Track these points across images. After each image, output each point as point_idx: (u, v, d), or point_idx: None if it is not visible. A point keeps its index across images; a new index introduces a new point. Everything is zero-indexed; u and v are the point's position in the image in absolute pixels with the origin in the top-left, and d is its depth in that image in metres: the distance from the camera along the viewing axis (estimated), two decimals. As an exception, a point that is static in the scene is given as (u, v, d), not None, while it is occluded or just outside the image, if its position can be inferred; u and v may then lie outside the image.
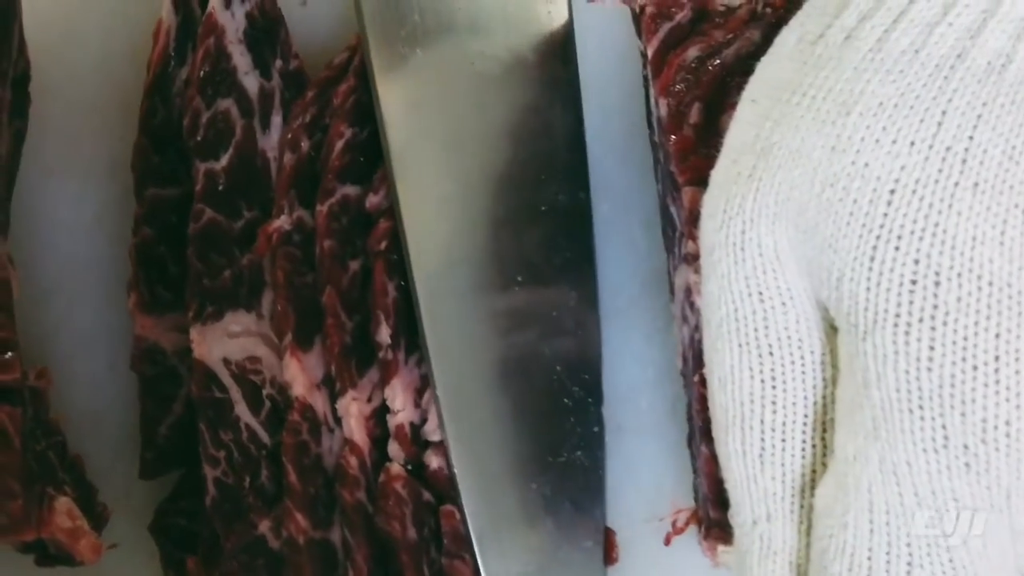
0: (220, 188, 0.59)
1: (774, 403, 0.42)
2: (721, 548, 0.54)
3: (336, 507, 0.57)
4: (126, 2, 0.63)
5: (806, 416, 0.43)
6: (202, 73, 0.58)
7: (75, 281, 0.62)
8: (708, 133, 0.54)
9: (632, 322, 0.61)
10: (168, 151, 0.60)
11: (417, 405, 0.56)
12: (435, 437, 0.56)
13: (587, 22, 0.60)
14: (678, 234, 0.56)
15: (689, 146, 0.54)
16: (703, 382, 0.53)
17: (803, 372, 0.42)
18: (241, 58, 0.59)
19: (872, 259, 0.39)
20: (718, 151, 0.54)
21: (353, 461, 0.56)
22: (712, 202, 0.43)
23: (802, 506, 0.44)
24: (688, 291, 0.54)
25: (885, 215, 0.39)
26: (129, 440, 0.60)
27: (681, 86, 0.54)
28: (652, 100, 0.57)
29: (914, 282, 0.38)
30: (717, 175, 0.43)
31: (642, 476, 0.59)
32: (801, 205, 0.40)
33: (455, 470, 0.56)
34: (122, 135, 0.62)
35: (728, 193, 0.42)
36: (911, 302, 0.38)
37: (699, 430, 0.54)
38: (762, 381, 0.42)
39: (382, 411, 0.57)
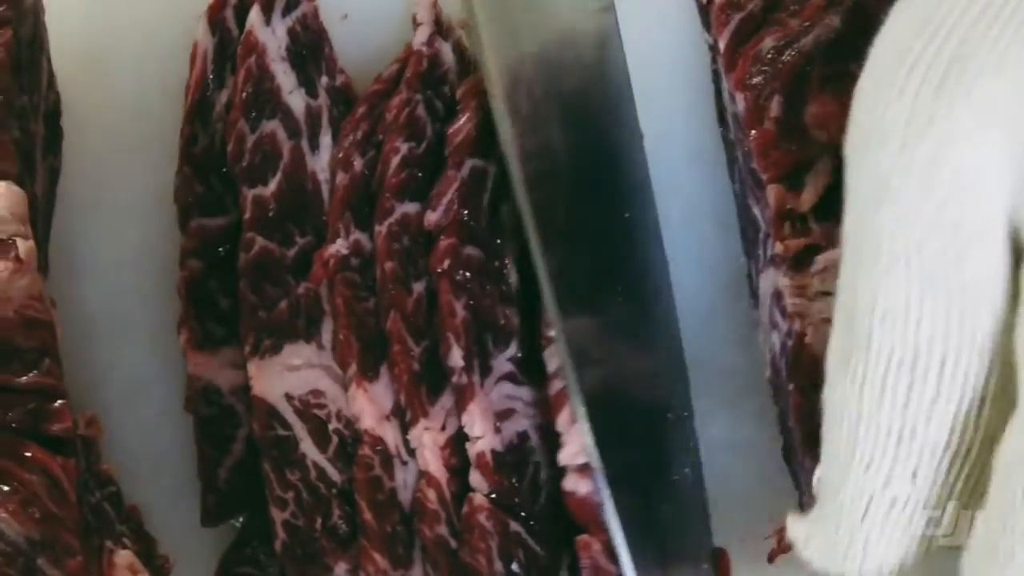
0: (270, 215, 0.56)
1: (959, 348, 0.38)
2: (792, 518, 0.47)
3: (415, 544, 0.54)
4: (158, 27, 0.61)
5: (991, 361, 0.38)
6: (244, 95, 0.56)
7: (121, 322, 0.59)
8: (790, 127, 0.51)
9: (712, 330, 0.58)
10: (212, 179, 0.57)
11: (498, 431, 0.54)
12: (576, 461, 0.53)
13: (645, 18, 0.58)
14: (762, 235, 0.53)
15: (771, 141, 0.51)
16: (800, 391, 0.50)
17: (991, 312, 0.38)
18: (284, 76, 0.57)
19: None
20: (801, 145, 0.51)
21: (431, 494, 0.53)
22: (881, 120, 0.38)
23: (964, 460, 0.40)
24: (778, 295, 0.51)
25: None
26: (188, 486, 0.57)
27: (758, 79, 0.52)
28: (726, 95, 0.55)
29: None
30: (877, 87, 0.38)
31: (735, 492, 0.56)
32: (1011, 119, 0.36)
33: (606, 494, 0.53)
34: (161, 166, 0.59)
35: (909, 111, 0.37)
36: None
37: (801, 442, 0.51)
38: (947, 323, 0.38)
39: (458, 439, 0.54)
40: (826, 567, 0.44)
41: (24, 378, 0.49)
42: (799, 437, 0.51)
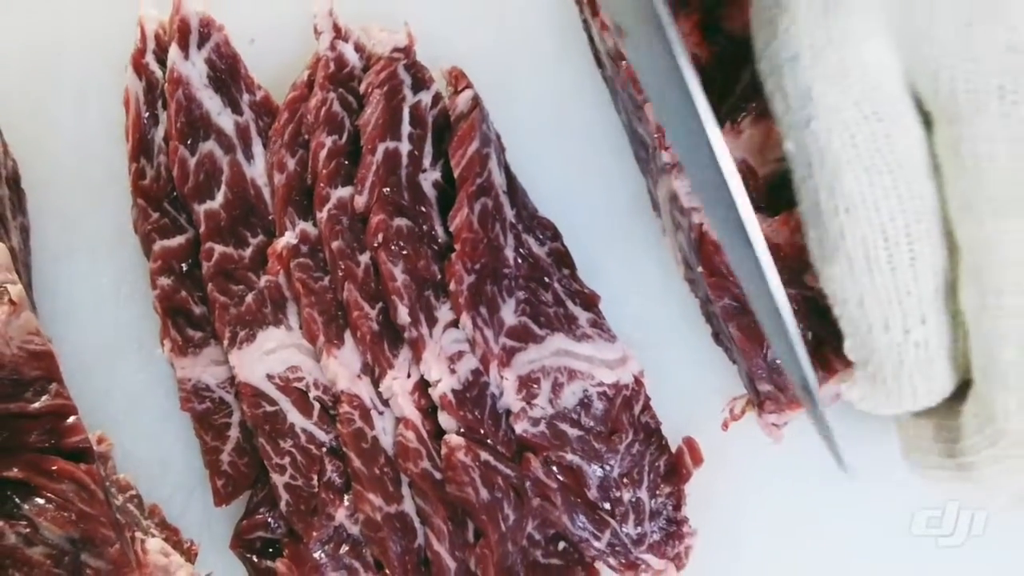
0: (222, 224, 0.66)
1: (917, 213, 0.47)
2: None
3: (401, 481, 0.64)
4: (91, 79, 0.71)
5: (939, 217, 0.48)
6: (179, 124, 0.66)
7: (109, 348, 0.69)
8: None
9: (625, 248, 0.69)
10: (165, 205, 0.68)
11: (453, 372, 0.64)
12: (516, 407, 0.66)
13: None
14: (651, 151, 0.64)
15: (639, 68, 0.62)
16: (711, 274, 0.61)
17: (927, 175, 0.47)
18: (211, 101, 0.67)
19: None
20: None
21: (410, 435, 0.63)
22: (784, 47, 0.46)
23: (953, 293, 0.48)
24: (674, 198, 0.62)
25: None
26: (198, 476, 0.67)
27: (617, 17, 0.62)
28: (596, 37, 0.65)
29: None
30: (770, 16, 0.47)
31: (684, 382, 0.68)
32: (887, 14, 0.45)
33: None
34: (117, 205, 0.69)
35: (808, 32, 0.46)
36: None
37: (720, 317, 0.61)
38: (898, 197, 0.47)
39: (424, 382, 0.64)
40: (887, 411, 0.52)
41: (37, 403, 0.59)
42: (718, 311, 0.61)
